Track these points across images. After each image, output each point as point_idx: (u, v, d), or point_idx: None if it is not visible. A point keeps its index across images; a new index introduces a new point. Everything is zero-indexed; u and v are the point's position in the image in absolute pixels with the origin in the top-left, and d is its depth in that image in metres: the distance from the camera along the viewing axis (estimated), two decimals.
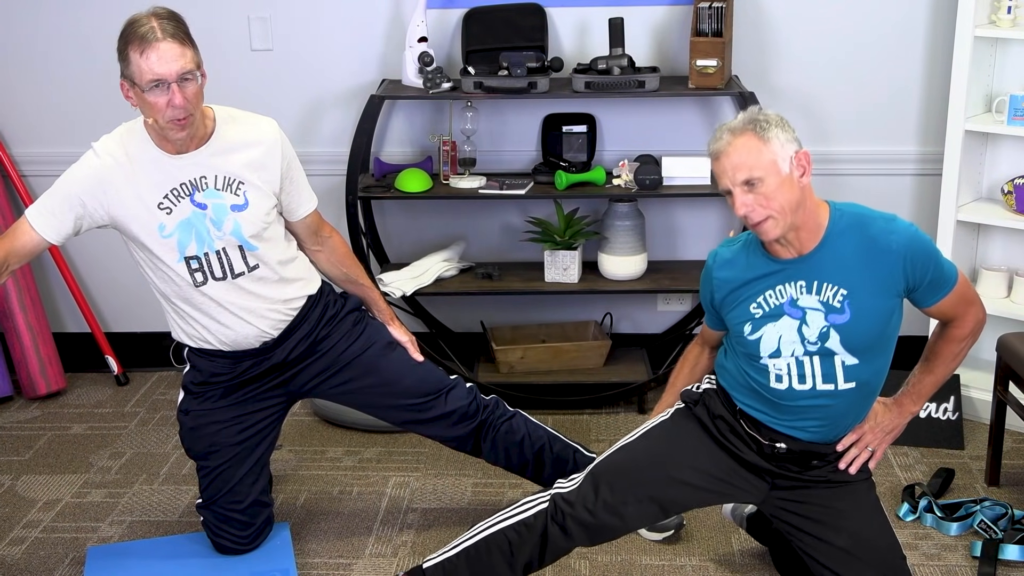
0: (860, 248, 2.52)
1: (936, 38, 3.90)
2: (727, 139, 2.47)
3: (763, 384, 2.62)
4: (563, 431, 3.85)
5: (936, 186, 3.85)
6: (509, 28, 3.88)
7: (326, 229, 3.13)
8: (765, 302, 2.58)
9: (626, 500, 2.69)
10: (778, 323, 2.56)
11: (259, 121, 2.94)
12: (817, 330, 2.54)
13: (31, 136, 4.18)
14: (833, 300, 2.52)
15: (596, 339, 4.11)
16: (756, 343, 2.59)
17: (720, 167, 2.48)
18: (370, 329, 3.14)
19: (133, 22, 2.69)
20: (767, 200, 2.45)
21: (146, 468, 3.68)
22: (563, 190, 3.83)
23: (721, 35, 3.71)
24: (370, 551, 3.21)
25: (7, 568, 3.15)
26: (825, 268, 2.53)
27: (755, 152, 2.44)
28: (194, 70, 2.69)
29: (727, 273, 2.65)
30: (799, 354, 2.56)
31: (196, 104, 2.73)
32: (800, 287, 2.54)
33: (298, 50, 4.04)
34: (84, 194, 2.81)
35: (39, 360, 4.15)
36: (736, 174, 2.45)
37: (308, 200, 3.05)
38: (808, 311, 2.54)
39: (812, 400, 2.60)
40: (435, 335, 4.24)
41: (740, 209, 2.46)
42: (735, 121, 2.50)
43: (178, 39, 2.67)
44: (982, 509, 3.21)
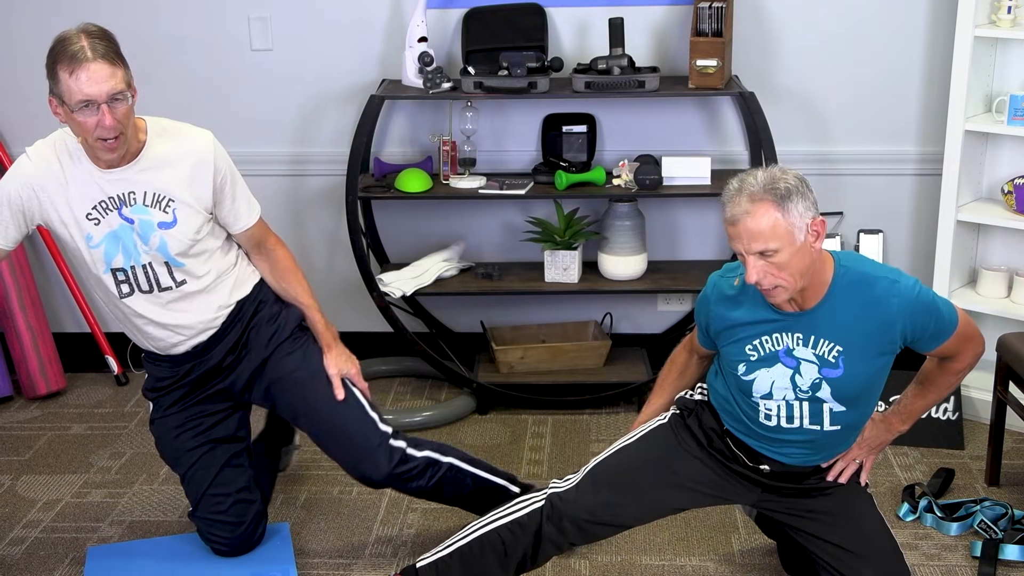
0: (861, 308, 2.50)
1: (936, 38, 3.90)
2: (745, 206, 2.40)
3: (752, 418, 2.65)
4: (563, 431, 3.86)
5: (936, 186, 3.85)
6: (509, 28, 3.88)
7: (270, 241, 3.06)
8: (761, 346, 2.58)
9: (624, 501, 2.70)
10: (772, 369, 2.57)
11: (191, 135, 2.88)
12: (810, 380, 2.56)
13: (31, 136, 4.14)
14: (828, 355, 2.53)
15: (596, 339, 4.11)
16: (749, 383, 2.60)
17: (735, 232, 2.42)
18: (311, 350, 3.05)
19: (63, 40, 2.64)
20: (779, 270, 2.41)
21: (146, 468, 3.68)
22: (563, 190, 3.83)
23: (721, 35, 3.71)
24: (370, 551, 3.21)
25: (7, 568, 3.15)
26: (823, 325, 2.52)
27: (772, 223, 2.39)
28: (124, 90, 2.65)
29: (725, 311, 2.62)
30: (790, 399, 2.58)
31: (126, 123, 2.69)
32: (797, 339, 2.55)
33: (298, 50, 4.04)
34: (21, 197, 2.80)
35: (39, 360, 4.15)
36: (751, 244, 2.40)
37: (247, 213, 2.98)
38: (803, 362, 2.55)
39: (798, 435, 2.63)
40: (435, 335, 4.24)
41: (752, 276, 2.41)
42: (754, 182, 2.43)
43: (108, 59, 2.62)
44: (982, 509, 3.21)
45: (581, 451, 3.73)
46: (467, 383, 4.03)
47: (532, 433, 3.86)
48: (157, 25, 4.03)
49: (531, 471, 3.62)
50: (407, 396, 4.14)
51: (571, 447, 3.76)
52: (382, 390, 4.20)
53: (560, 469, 3.62)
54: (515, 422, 3.94)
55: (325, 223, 4.20)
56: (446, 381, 4.17)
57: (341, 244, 4.11)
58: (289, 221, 4.19)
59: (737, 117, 4.04)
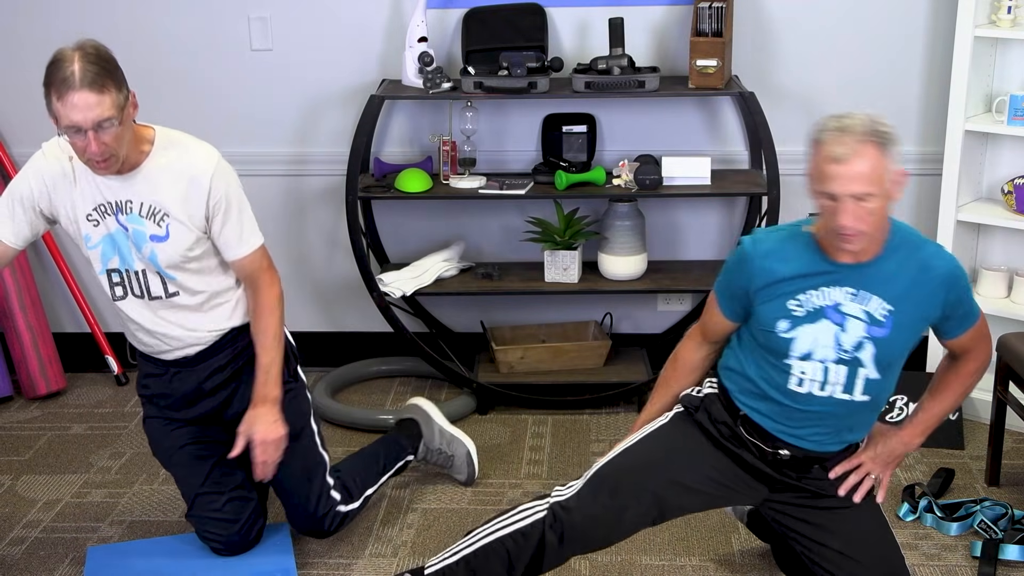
0: (912, 269, 2.49)
1: (936, 38, 3.90)
2: (851, 146, 2.33)
3: (779, 385, 2.58)
4: (563, 431, 3.86)
5: (936, 186, 3.85)
6: (509, 28, 3.88)
7: (263, 278, 2.94)
8: (807, 301, 2.51)
9: (627, 505, 2.66)
10: (816, 325, 2.51)
11: (195, 153, 2.84)
12: (855, 338, 2.51)
13: (31, 136, 4.16)
14: (877, 313, 2.49)
15: (596, 339, 4.11)
16: (788, 342, 2.54)
17: (833, 171, 2.34)
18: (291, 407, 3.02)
19: (56, 62, 2.60)
20: (868, 216, 2.36)
21: (146, 468, 3.68)
22: (563, 190, 3.83)
23: (721, 35, 3.71)
24: (370, 551, 3.21)
25: (7, 568, 3.15)
26: (877, 280, 2.48)
27: (873, 167, 2.33)
28: (112, 117, 2.61)
29: (771, 263, 2.54)
30: (829, 359, 2.53)
31: (117, 145, 2.67)
32: (848, 294, 2.49)
33: (298, 50, 4.04)
34: (34, 191, 2.83)
35: (39, 360, 4.15)
36: (851, 185, 2.33)
37: (241, 243, 2.90)
38: (849, 318, 2.50)
39: (824, 407, 2.58)
40: (435, 335, 4.24)
41: (847, 219, 2.35)
42: (854, 122, 2.36)
43: (97, 86, 2.57)
44: (982, 509, 3.21)
45: (581, 451, 3.73)
46: (467, 383, 4.03)
47: (532, 433, 3.86)
48: (157, 25, 4.03)
49: (531, 471, 3.62)
50: (407, 396, 4.14)
51: (571, 447, 3.77)
52: (382, 390, 4.20)
53: (560, 469, 3.62)
54: (515, 422, 3.94)
55: (325, 223, 4.20)
56: (446, 381, 4.17)
57: (341, 244, 4.11)
58: (289, 221, 4.20)
59: (737, 117, 4.04)
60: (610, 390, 3.99)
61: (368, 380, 4.27)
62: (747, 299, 2.59)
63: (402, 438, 3.39)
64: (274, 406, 2.92)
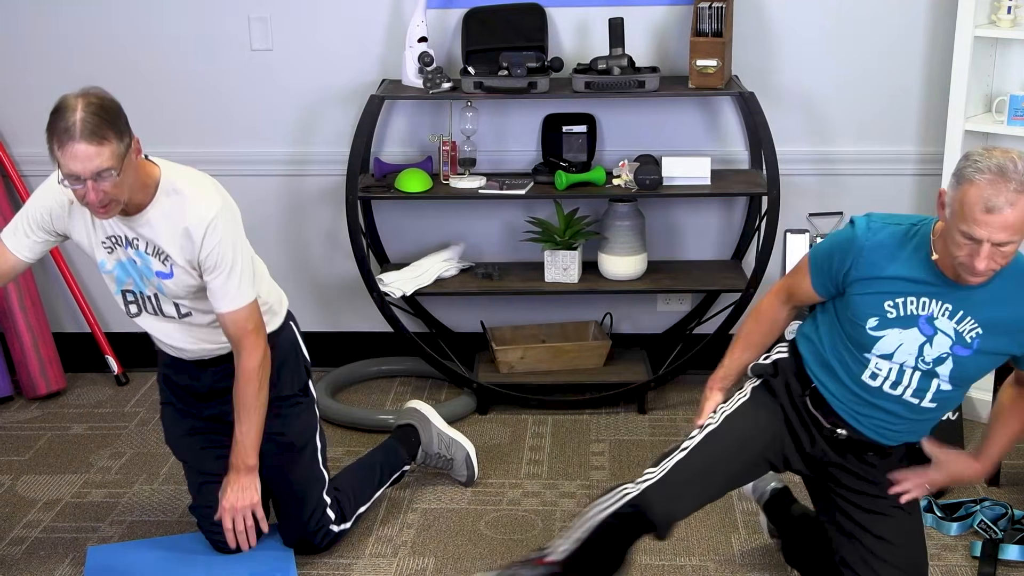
0: (1014, 299, 2.47)
1: (936, 38, 3.90)
2: (1011, 198, 2.26)
3: (854, 373, 2.59)
4: (563, 431, 3.86)
5: (936, 186, 3.85)
6: (509, 28, 3.88)
7: (246, 343, 2.86)
8: (903, 306, 2.50)
9: (713, 486, 2.69)
10: (905, 332, 2.51)
11: (195, 204, 2.78)
12: (937, 353, 2.51)
13: (31, 136, 4.15)
14: (967, 334, 2.49)
15: (596, 339, 4.11)
16: (874, 340, 2.53)
17: (983, 220, 2.28)
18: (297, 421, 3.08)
19: (59, 110, 2.59)
20: (1003, 259, 2.35)
21: (146, 468, 3.68)
22: (563, 190, 3.82)
23: (721, 35, 3.71)
24: (370, 551, 3.21)
25: (7, 568, 3.15)
26: (977, 303, 2.47)
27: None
28: (111, 167, 2.59)
29: (880, 258, 2.50)
30: (908, 365, 2.54)
31: (118, 193, 2.66)
32: (945, 309, 2.48)
33: (298, 50, 4.03)
34: (52, 215, 2.85)
35: (39, 360, 4.15)
36: (998, 234, 2.29)
37: (225, 300, 2.83)
38: (940, 333, 2.49)
39: (890, 404, 2.59)
40: (435, 335, 4.24)
41: (981, 264, 2.32)
42: (1016, 170, 2.28)
43: (96, 138, 2.56)
44: (982, 509, 3.21)
45: (581, 451, 3.73)
46: (467, 383, 4.03)
47: (532, 433, 3.86)
48: (157, 25, 4.02)
49: (531, 471, 3.62)
50: (407, 396, 4.14)
51: (571, 447, 3.77)
52: (382, 390, 4.20)
53: (560, 469, 3.62)
54: (515, 422, 3.94)
55: (325, 223, 4.20)
56: (446, 381, 4.17)
57: (341, 244, 4.11)
58: (289, 221, 4.19)
59: (737, 117, 4.04)
60: (610, 390, 3.99)
61: (368, 380, 4.27)
62: (842, 282, 2.56)
63: (400, 447, 3.41)
64: (248, 474, 2.93)
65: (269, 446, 3.01)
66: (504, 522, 3.34)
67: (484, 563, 3.14)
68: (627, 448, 3.75)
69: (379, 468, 3.31)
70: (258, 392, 2.89)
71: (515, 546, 3.21)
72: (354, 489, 3.22)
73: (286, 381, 3.09)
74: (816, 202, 4.08)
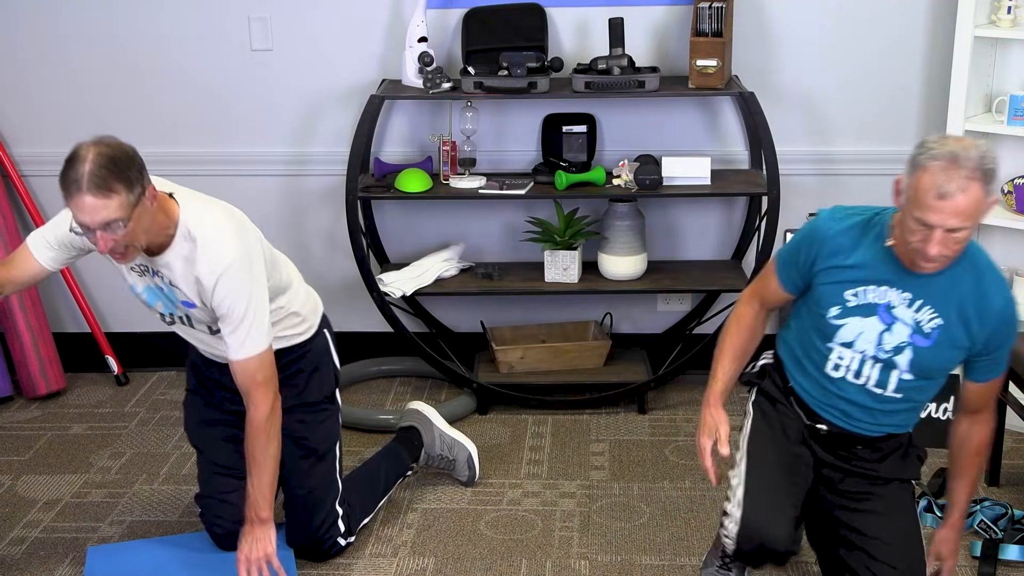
0: (970, 291, 2.49)
1: (936, 38, 3.90)
2: (959, 183, 2.30)
3: (819, 365, 2.64)
4: (563, 431, 3.86)
5: None
6: (509, 28, 3.88)
7: (255, 395, 2.83)
8: (863, 295, 2.54)
9: (791, 496, 2.69)
10: (866, 320, 2.55)
11: (210, 253, 2.74)
12: (896, 341, 2.54)
13: (31, 136, 4.18)
14: (926, 324, 2.52)
15: (596, 339, 4.11)
16: (836, 328, 2.57)
17: (935, 205, 2.32)
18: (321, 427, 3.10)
19: (71, 160, 2.57)
20: (955, 245, 2.37)
21: (146, 468, 3.68)
22: (563, 190, 3.82)
23: (721, 35, 3.71)
24: (370, 551, 3.21)
25: (7, 568, 3.15)
26: (934, 292, 2.50)
27: (978, 206, 2.33)
28: (119, 219, 2.57)
29: (842, 246, 2.55)
30: (867, 354, 2.57)
31: (128, 241, 2.64)
32: (904, 298, 2.52)
33: (298, 50, 4.03)
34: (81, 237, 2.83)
35: (39, 360, 4.15)
36: (950, 220, 2.32)
37: (235, 348, 2.80)
38: (898, 322, 2.53)
39: (856, 394, 2.63)
40: (435, 335, 4.24)
41: (933, 248, 2.35)
42: (966, 155, 2.32)
43: (103, 191, 2.54)
44: (982, 509, 3.21)
45: (581, 451, 3.73)
46: (467, 383, 4.03)
47: (532, 433, 3.86)
48: (157, 25, 4.02)
49: (531, 471, 3.62)
50: (407, 396, 4.14)
51: (571, 447, 3.77)
52: (382, 390, 4.20)
53: (560, 469, 3.62)
54: (515, 422, 3.94)
55: (325, 223, 4.20)
56: (446, 381, 4.17)
57: (341, 244, 4.11)
58: (289, 221, 4.19)
59: (737, 117, 4.04)
60: (610, 390, 3.99)
61: (368, 380, 4.27)
62: (809, 272, 2.60)
63: (403, 452, 3.41)
64: (262, 526, 2.91)
65: (291, 448, 3.02)
66: (504, 522, 3.34)
67: (484, 563, 3.14)
68: (627, 448, 3.75)
69: (383, 477, 3.32)
70: (267, 445, 2.86)
71: (515, 546, 3.22)
72: (360, 503, 3.22)
73: (313, 388, 3.11)
74: (816, 202, 4.07)
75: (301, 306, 3.06)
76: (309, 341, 3.08)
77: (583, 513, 3.38)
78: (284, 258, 3.09)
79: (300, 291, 3.09)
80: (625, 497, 3.46)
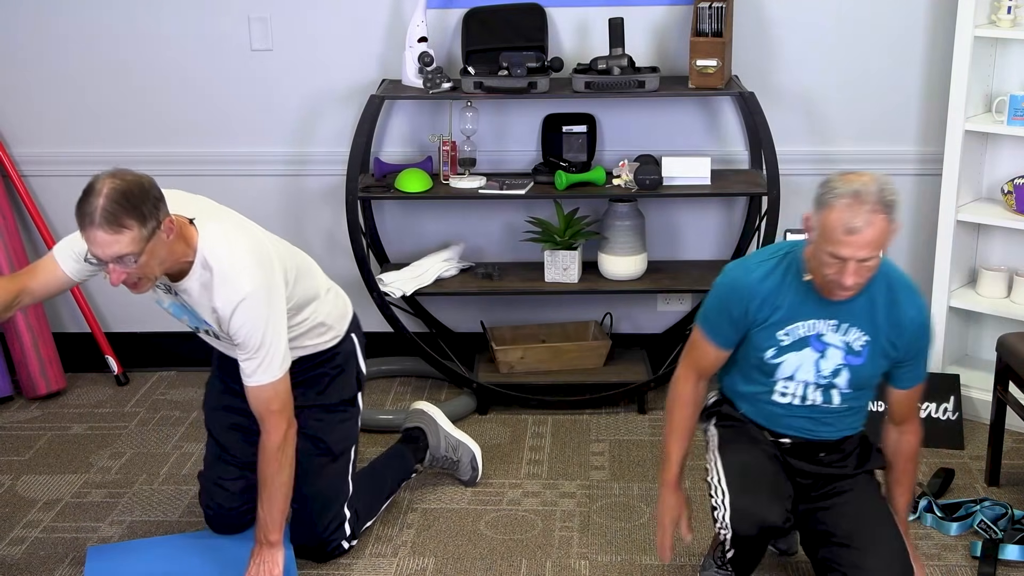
0: (886, 304, 2.65)
1: (936, 38, 3.90)
2: (867, 218, 2.45)
3: (766, 397, 2.77)
4: (563, 431, 3.86)
5: (936, 186, 3.85)
6: (509, 28, 3.88)
7: (269, 422, 2.84)
8: (794, 332, 2.68)
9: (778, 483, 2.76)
10: (800, 353, 2.69)
11: (226, 285, 2.74)
12: (832, 365, 2.69)
13: (31, 136, 4.18)
14: (855, 343, 2.67)
15: (596, 339, 4.11)
16: (776, 366, 2.72)
17: (846, 240, 2.46)
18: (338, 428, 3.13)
19: (86, 193, 2.57)
20: (868, 272, 2.53)
21: (146, 468, 3.68)
22: (563, 190, 3.82)
23: (721, 35, 3.71)
24: (370, 551, 3.21)
25: (7, 568, 3.15)
26: (856, 313, 2.65)
27: (883, 237, 2.48)
28: (130, 254, 2.58)
29: (769, 290, 2.67)
30: (809, 381, 2.72)
31: (142, 274, 2.65)
32: (830, 325, 2.67)
33: (298, 50, 4.03)
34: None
35: (39, 360, 4.15)
36: (860, 252, 2.48)
37: (248, 374, 2.81)
38: (830, 347, 2.68)
39: (806, 412, 2.77)
40: (435, 335, 4.24)
41: (848, 279, 2.50)
42: (867, 190, 2.47)
43: (113, 226, 2.54)
44: (982, 509, 3.21)
45: (581, 451, 3.73)
46: (467, 383, 4.03)
47: (532, 433, 3.86)
48: (157, 25, 4.03)
49: (531, 471, 3.62)
50: (407, 396, 4.14)
51: (571, 447, 3.77)
52: (382, 390, 4.20)
53: (560, 469, 3.62)
54: (515, 422, 3.94)
55: (325, 223, 4.20)
56: (446, 381, 4.17)
57: (341, 244, 4.11)
58: (289, 221, 4.19)
59: (737, 117, 4.04)
60: (610, 390, 3.99)
61: (368, 380, 4.26)
62: (746, 324, 2.71)
63: (408, 454, 3.42)
64: (270, 549, 2.91)
65: (306, 445, 3.03)
66: (504, 522, 3.34)
67: (484, 563, 3.14)
68: (627, 448, 3.75)
69: (388, 480, 3.33)
70: (278, 472, 2.86)
71: (515, 546, 3.22)
72: (365, 505, 3.23)
73: (335, 389, 3.15)
74: None
75: (327, 315, 3.09)
76: (337, 346, 3.14)
77: (583, 513, 3.38)
78: (314, 265, 3.11)
79: (328, 300, 3.10)
80: (625, 497, 3.46)
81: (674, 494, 2.83)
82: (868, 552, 2.67)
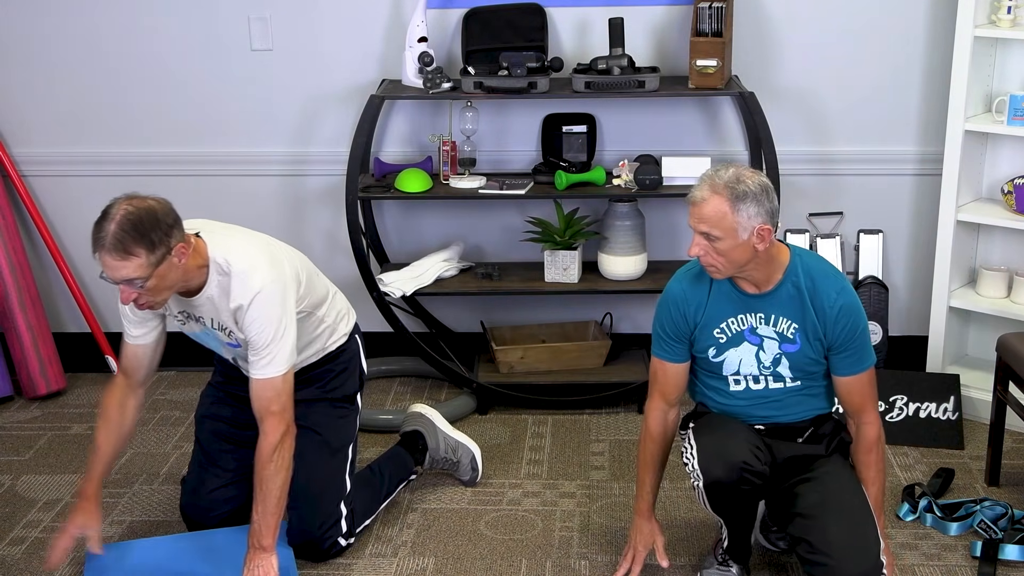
0: (808, 293, 2.76)
1: (936, 38, 3.90)
2: (704, 193, 2.66)
3: (723, 391, 2.88)
4: (563, 431, 3.86)
5: (936, 186, 3.85)
6: (509, 28, 3.88)
7: (268, 423, 2.87)
8: (728, 328, 2.82)
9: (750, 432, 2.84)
10: (739, 348, 2.82)
11: (241, 283, 2.83)
12: (771, 355, 2.81)
13: (31, 136, 4.18)
14: (787, 332, 2.79)
15: (596, 339, 4.11)
16: (720, 364, 2.85)
17: (690, 211, 2.69)
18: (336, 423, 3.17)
19: (101, 217, 2.65)
20: (717, 254, 2.68)
21: (146, 468, 3.68)
22: (563, 190, 3.83)
23: (721, 35, 3.71)
24: (370, 551, 3.21)
25: (7, 568, 3.15)
26: (780, 305, 2.78)
27: (720, 216, 2.64)
28: (138, 278, 2.66)
29: (698, 296, 2.83)
30: (755, 373, 2.84)
31: (151, 295, 2.73)
32: (759, 318, 2.80)
33: (298, 50, 4.03)
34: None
35: (39, 360, 4.15)
36: (699, 225, 2.67)
37: (255, 367, 2.87)
38: (765, 339, 2.81)
39: (766, 396, 2.86)
40: (435, 335, 4.24)
41: (693, 249, 2.70)
42: (722, 175, 2.66)
43: (121, 253, 2.62)
44: (982, 509, 3.21)
45: (581, 451, 3.73)
46: (467, 383, 4.03)
47: (532, 433, 3.86)
48: (157, 25, 4.03)
49: (531, 471, 3.62)
50: (407, 396, 4.14)
51: (571, 447, 3.77)
52: (382, 390, 4.21)
53: (560, 469, 3.62)
54: (515, 422, 3.94)
55: (325, 223, 4.20)
56: (446, 381, 4.18)
57: (341, 244, 4.11)
58: (289, 221, 4.19)
59: (737, 117, 4.04)
60: (610, 390, 3.99)
61: (368, 380, 4.26)
62: (687, 328, 2.85)
63: (407, 457, 3.43)
64: (263, 553, 2.91)
65: (305, 436, 3.04)
66: (504, 522, 3.34)
67: (484, 563, 3.14)
68: (627, 448, 3.75)
69: (386, 481, 3.33)
70: (274, 475, 2.87)
71: (515, 546, 3.22)
72: (362, 505, 3.23)
73: (337, 386, 3.21)
74: (816, 202, 4.09)
75: (336, 316, 3.19)
76: (343, 346, 3.21)
77: (583, 513, 3.38)
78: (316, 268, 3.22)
79: (336, 301, 3.22)
80: (625, 497, 3.46)
81: (648, 522, 2.97)
82: (831, 522, 2.70)
